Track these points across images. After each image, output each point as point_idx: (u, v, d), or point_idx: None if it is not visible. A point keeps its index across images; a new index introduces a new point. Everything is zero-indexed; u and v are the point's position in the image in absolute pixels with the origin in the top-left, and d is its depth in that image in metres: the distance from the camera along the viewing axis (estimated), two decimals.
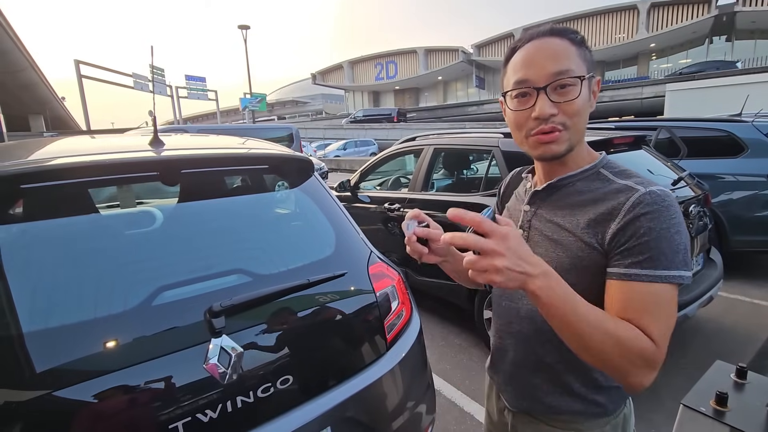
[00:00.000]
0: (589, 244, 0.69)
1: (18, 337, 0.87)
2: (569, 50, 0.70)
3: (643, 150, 2.82)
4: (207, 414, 0.96)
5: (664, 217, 0.64)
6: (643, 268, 0.63)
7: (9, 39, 20.70)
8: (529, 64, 0.70)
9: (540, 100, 0.69)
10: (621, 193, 0.69)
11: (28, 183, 1.01)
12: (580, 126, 0.72)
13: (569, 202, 0.75)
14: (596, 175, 0.75)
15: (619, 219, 0.66)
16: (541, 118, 0.69)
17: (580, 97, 0.69)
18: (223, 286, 1.10)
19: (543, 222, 0.78)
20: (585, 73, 0.70)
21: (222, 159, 1.35)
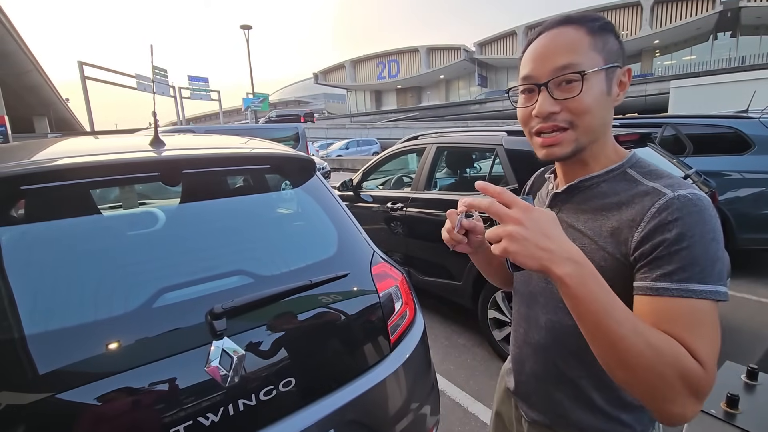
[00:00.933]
0: (612, 255, 0.63)
1: (20, 339, 0.87)
2: (581, 41, 0.64)
3: (649, 147, 2.79)
4: (208, 417, 0.95)
5: (696, 223, 0.56)
6: (673, 281, 0.55)
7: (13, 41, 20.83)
8: (534, 59, 0.67)
9: (541, 96, 0.66)
10: (647, 197, 0.62)
11: (29, 184, 1.00)
12: (593, 124, 0.65)
13: (592, 205, 0.69)
14: (623, 176, 0.68)
15: (642, 226, 0.60)
16: (540, 117, 0.66)
17: (586, 93, 0.63)
18: (224, 288, 1.09)
19: (565, 227, 0.70)
20: (599, 64, 0.63)
21: (223, 159, 1.33)
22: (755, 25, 30.45)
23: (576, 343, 0.68)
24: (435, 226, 3.06)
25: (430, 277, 3.13)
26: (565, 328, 0.71)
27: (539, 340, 0.77)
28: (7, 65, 22.45)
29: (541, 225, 0.53)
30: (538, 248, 0.51)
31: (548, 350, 0.76)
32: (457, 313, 3.31)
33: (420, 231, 3.18)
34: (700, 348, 0.53)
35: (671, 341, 0.53)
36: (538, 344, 0.78)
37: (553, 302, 0.73)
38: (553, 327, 0.74)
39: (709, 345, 0.54)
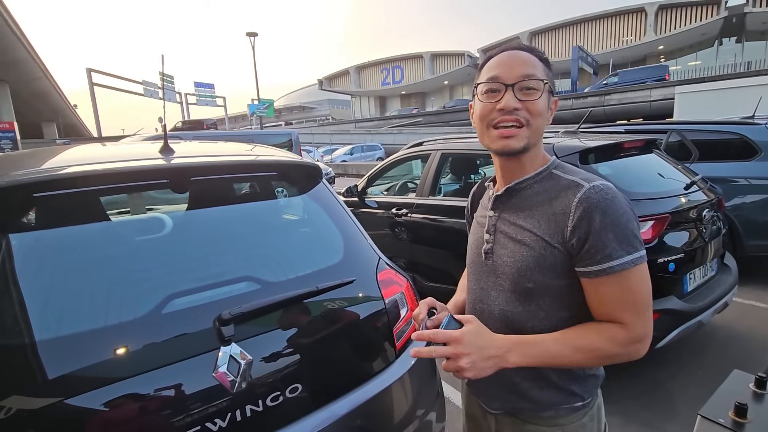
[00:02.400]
0: (550, 243, 0.76)
1: (30, 344, 0.88)
2: (537, 63, 0.80)
3: (654, 154, 2.79)
4: (216, 423, 0.96)
5: (612, 209, 0.72)
6: (612, 259, 0.71)
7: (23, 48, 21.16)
8: (501, 65, 0.79)
9: (507, 94, 0.77)
10: (569, 190, 0.76)
11: (40, 191, 1.02)
12: (540, 127, 0.79)
13: (528, 203, 0.81)
14: (549, 176, 0.82)
15: (571, 216, 0.73)
16: (506, 110, 0.77)
17: (542, 99, 0.77)
18: (232, 294, 1.10)
19: (507, 224, 0.84)
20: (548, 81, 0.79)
21: (231, 166, 1.35)
22: (761, 31, 30.34)
23: (527, 326, 0.81)
24: (440, 232, 3.07)
25: (435, 283, 3.13)
26: (517, 315, 0.82)
27: (495, 330, 0.82)
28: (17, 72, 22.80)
29: (476, 344, 0.70)
30: (485, 360, 0.70)
31: None
32: None
33: (425, 237, 3.19)
34: (626, 315, 0.73)
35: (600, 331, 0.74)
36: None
37: (504, 294, 0.84)
38: (506, 316, 0.83)
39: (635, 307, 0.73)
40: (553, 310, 0.79)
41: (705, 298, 2.34)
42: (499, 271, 0.83)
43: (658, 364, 2.53)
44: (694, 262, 2.35)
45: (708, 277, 2.50)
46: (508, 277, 0.81)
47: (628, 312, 0.72)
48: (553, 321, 0.79)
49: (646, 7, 32.77)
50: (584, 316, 0.78)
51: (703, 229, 2.39)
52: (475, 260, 0.90)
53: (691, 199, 2.45)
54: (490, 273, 0.86)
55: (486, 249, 0.86)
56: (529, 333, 0.79)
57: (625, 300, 0.72)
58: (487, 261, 0.86)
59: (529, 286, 0.78)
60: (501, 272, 0.83)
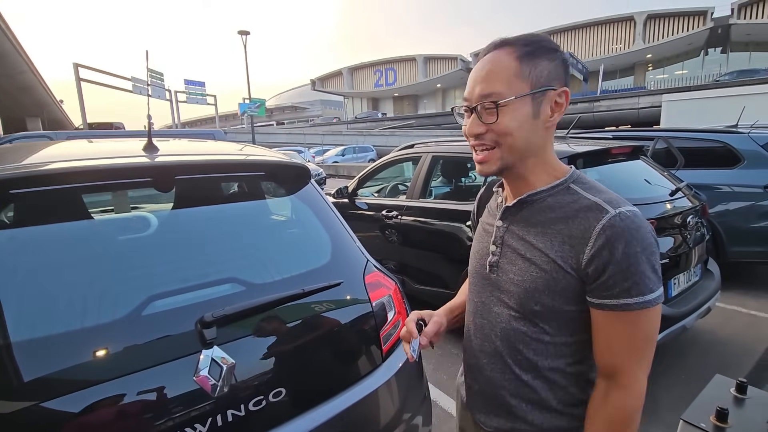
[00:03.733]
0: (563, 268, 0.69)
1: (5, 346, 0.85)
2: (507, 68, 0.69)
3: (641, 160, 2.83)
4: (196, 428, 0.93)
5: (638, 240, 0.65)
6: (631, 296, 0.65)
7: (8, 41, 20.68)
8: (469, 83, 0.73)
9: (471, 119, 0.72)
10: (591, 212, 0.68)
11: (18, 188, 0.99)
12: (515, 144, 0.71)
13: (541, 219, 0.74)
14: (566, 191, 0.74)
15: (591, 243, 0.66)
16: (469, 136, 0.74)
17: (504, 118, 0.69)
18: (215, 296, 1.08)
19: (516, 239, 0.77)
20: (523, 90, 0.68)
21: (217, 165, 1.33)
22: (745, 42, 31.12)
23: (530, 348, 0.76)
24: (430, 235, 3.07)
25: (425, 286, 3.13)
26: (519, 334, 0.76)
27: (495, 349, 0.81)
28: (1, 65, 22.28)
29: None
30: None
31: (504, 356, 0.79)
32: None
33: (414, 239, 3.18)
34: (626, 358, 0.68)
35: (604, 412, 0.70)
36: (494, 352, 0.81)
37: (507, 312, 0.78)
38: (508, 336, 0.78)
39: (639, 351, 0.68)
40: (560, 334, 0.74)
41: (688, 303, 2.38)
42: (504, 287, 0.77)
43: None
44: (679, 267, 2.38)
45: (692, 283, 2.54)
46: (514, 296, 0.75)
47: (631, 355, 0.67)
48: (559, 345, 0.74)
49: (635, 16, 33.38)
50: (589, 343, 0.73)
51: (688, 235, 2.43)
52: (479, 271, 0.84)
53: (677, 206, 2.49)
54: (494, 287, 0.80)
55: (491, 261, 0.80)
56: (530, 355, 0.75)
57: (634, 341, 0.67)
58: (491, 274, 0.80)
59: (535, 308, 0.73)
60: (506, 289, 0.77)
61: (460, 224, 2.81)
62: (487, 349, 0.82)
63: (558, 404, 0.76)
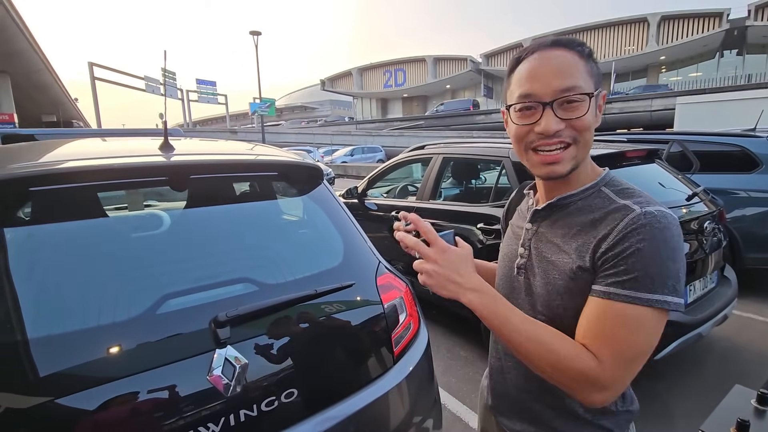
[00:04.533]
0: (583, 267, 0.67)
1: (22, 342, 0.86)
2: (577, 64, 0.68)
3: (656, 164, 2.78)
4: (209, 427, 0.93)
5: (658, 239, 0.61)
6: (624, 287, 0.61)
7: (25, 40, 21.07)
8: (535, 78, 0.69)
9: (546, 115, 0.68)
10: (618, 213, 0.66)
11: (36, 186, 1.00)
12: (589, 141, 0.70)
13: (569, 222, 0.73)
14: (597, 194, 0.72)
15: (611, 239, 0.64)
16: (546, 134, 0.68)
17: (589, 113, 0.67)
18: (229, 295, 1.08)
19: (543, 242, 0.76)
20: (592, 88, 0.68)
21: (231, 165, 1.33)
22: (762, 44, 30.52)
23: None
24: None
25: None
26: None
27: None
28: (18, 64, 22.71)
29: (454, 263, 0.67)
30: (449, 281, 0.66)
31: None
32: (460, 325, 3.27)
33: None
34: (604, 350, 0.61)
35: (570, 344, 0.63)
36: None
37: (533, 314, 0.75)
38: None
39: (619, 347, 0.61)
40: None
41: (705, 310, 2.33)
42: (531, 290, 0.77)
43: (656, 376, 2.51)
44: (695, 273, 2.34)
45: (708, 290, 2.49)
46: (540, 298, 0.74)
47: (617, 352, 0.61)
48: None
49: (648, 17, 32.94)
50: None
51: (704, 241, 2.38)
52: (507, 273, 0.84)
53: (693, 211, 2.44)
54: (522, 290, 0.79)
55: (519, 264, 0.80)
56: None
57: (624, 340, 0.61)
58: (519, 277, 0.80)
59: (560, 310, 0.71)
60: (533, 292, 0.76)
61: (470, 226, 2.79)
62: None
63: (585, 413, 0.73)
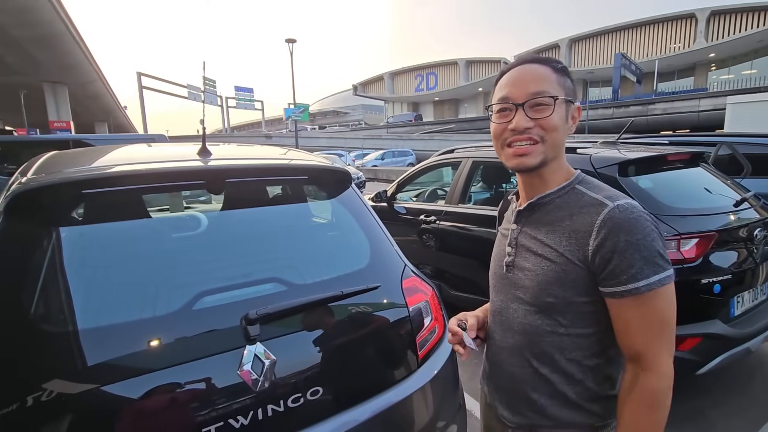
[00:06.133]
0: (571, 260, 0.75)
1: (73, 332, 0.93)
2: (549, 76, 0.79)
3: (701, 167, 2.63)
4: (238, 420, 0.98)
5: (637, 228, 0.70)
6: (637, 280, 0.69)
7: (81, 52, 22.70)
8: (512, 84, 0.80)
9: (518, 114, 0.78)
10: (592, 207, 0.75)
11: (87, 188, 1.09)
12: (557, 141, 0.79)
13: (549, 218, 0.81)
14: (572, 191, 0.81)
15: (594, 235, 0.73)
16: (517, 130, 0.77)
17: (555, 114, 0.76)
18: (259, 294, 1.13)
19: (528, 239, 0.84)
20: (562, 95, 0.78)
21: (264, 169, 1.39)
22: None
23: (546, 341, 0.80)
24: (467, 241, 3.02)
25: (462, 293, 3.08)
26: (537, 328, 0.81)
27: (514, 344, 0.86)
28: (75, 75, 24.49)
29: None
30: None
31: (523, 351, 0.84)
32: None
33: (452, 245, 3.15)
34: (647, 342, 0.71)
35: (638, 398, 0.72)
36: (513, 347, 0.86)
37: (523, 307, 0.83)
38: (525, 330, 0.83)
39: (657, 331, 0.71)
40: (574, 326, 0.78)
41: (754, 324, 2.17)
42: (520, 284, 0.84)
43: (700, 392, 2.37)
44: (743, 284, 2.19)
45: (759, 302, 2.32)
46: (528, 291, 0.82)
47: (651, 337, 0.71)
48: (574, 338, 0.78)
49: (696, 13, 31.22)
50: (607, 336, 0.77)
51: (754, 250, 2.23)
52: (497, 272, 0.92)
53: (742, 217, 2.29)
54: (511, 286, 0.87)
55: (507, 262, 0.87)
56: (547, 348, 0.80)
57: (650, 322, 0.71)
58: (508, 273, 0.87)
59: (549, 300, 0.78)
60: (521, 285, 0.84)
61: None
62: (507, 344, 0.87)
63: (576, 398, 0.80)
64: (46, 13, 17.32)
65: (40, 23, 17.64)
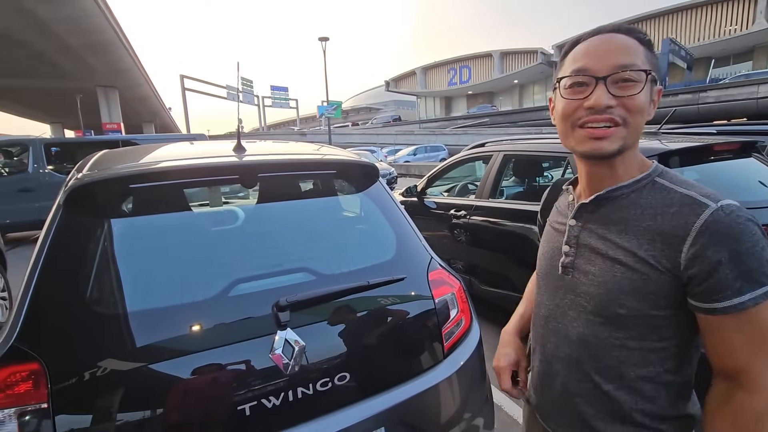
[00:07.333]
0: (656, 268, 0.64)
1: (124, 315, 1.02)
2: (637, 48, 0.67)
3: (753, 158, 2.46)
4: (271, 400, 1.04)
5: (746, 237, 0.60)
6: (743, 293, 0.59)
7: (130, 58, 24.08)
8: (591, 54, 0.68)
9: (598, 89, 0.66)
10: (686, 207, 0.63)
11: (135, 183, 1.18)
12: (640, 125, 0.67)
13: (623, 215, 0.69)
14: (652, 185, 0.69)
15: (691, 241, 0.61)
16: (596, 109, 0.66)
17: (643, 93, 0.65)
18: (289, 283, 1.19)
19: (594, 238, 0.72)
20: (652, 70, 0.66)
21: (294, 164, 1.45)
22: None
23: (613, 356, 0.70)
24: (499, 236, 2.98)
25: (493, 288, 3.05)
26: (599, 341, 0.71)
27: (571, 354, 0.76)
28: (124, 79, 26.06)
29: None
30: None
31: (582, 364, 0.74)
32: None
33: (483, 240, 3.12)
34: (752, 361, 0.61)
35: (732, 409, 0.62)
36: (570, 358, 0.76)
37: (585, 316, 0.73)
38: (585, 341, 0.73)
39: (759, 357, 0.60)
40: (647, 341, 0.67)
41: None
42: (581, 289, 0.73)
43: None
44: None
45: None
46: (593, 299, 0.71)
47: (755, 354, 0.60)
48: (645, 353, 0.68)
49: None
50: (684, 350, 0.68)
51: None
52: (550, 272, 0.81)
53: None
54: (569, 290, 0.75)
55: (565, 262, 0.76)
56: (614, 363, 0.70)
57: (754, 339, 0.60)
58: (566, 276, 0.76)
59: (619, 311, 0.67)
60: (583, 291, 0.72)
61: (532, 226, 2.70)
62: (562, 355, 0.77)
63: (643, 418, 0.69)
64: (98, 22, 18.54)
65: (94, 31, 18.90)
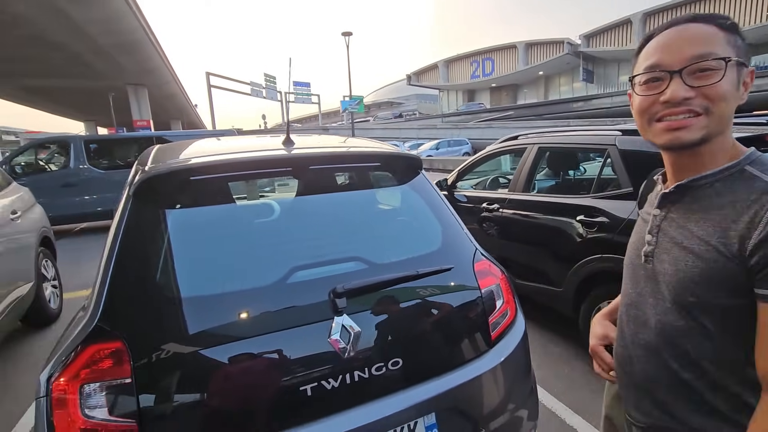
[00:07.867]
0: (724, 254, 0.63)
1: (190, 300, 1.07)
2: (715, 35, 0.65)
3: None
4: (329, 382, 1.08)
5: None
6: None
7: (158, 57, 24.77)
8: (664, 49, 0.67)
9: (673, 83, 0.65)
10: (766, 195, 0.61)
11: (197, 175, 1.23)
12: (725, 113, 0.65)
13: (704, 205, 0.68)
14: (740, 174, 0.66)
15: (762, 226, 0.59)
16: (672, 102, 0.65)
17: (725, 80, 0.63)
18: (343, 271, 1.23)
19: (674, 227, 0.71)
20: (733, 57, 0.64)
21: (342, 156, 1.48)
22: None
23: (690, 344, 0.69)
24: (533, 229, 2.95)
25: (526, 281, 3.03)
26: (677, 329, 0.71)
27: (649, 341, 0.76)
28: (153, 77, 26.85)
29: None
30: None
31: (660, 351, 0.74)
32: (553, 321, 3.14)
33: (516, 233, 3.10)
34: None
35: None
36: (648, 345, 0.76)
37: (663, 304, 0.72)
38: (663, 328, 0.73)
39: None
40: (723, 330, 0.66)
41: None
42: (659, 278, 0.73)
43: None
44: None
45: None
46: (669, 287, 0.71)
47: None
48: (721, 341, 0.66)
49: None
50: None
51: None
52: (633, 261, 0.82)
53: None
54: (649, 278, 0.76)
55: (646, 251, 0.77)
56: (691, 352, 0.69)
57: None
58: (647, 264, 0.77)
59: (691, 300, 0.67)
60: (661, 279, 0.73)
61: (568, 219, 2.66)
62: (641, 342, 0.78)
63: (724, 407, 0.68)
64: (129, 22, 19.14)
65: (124, 32, 19.53)
